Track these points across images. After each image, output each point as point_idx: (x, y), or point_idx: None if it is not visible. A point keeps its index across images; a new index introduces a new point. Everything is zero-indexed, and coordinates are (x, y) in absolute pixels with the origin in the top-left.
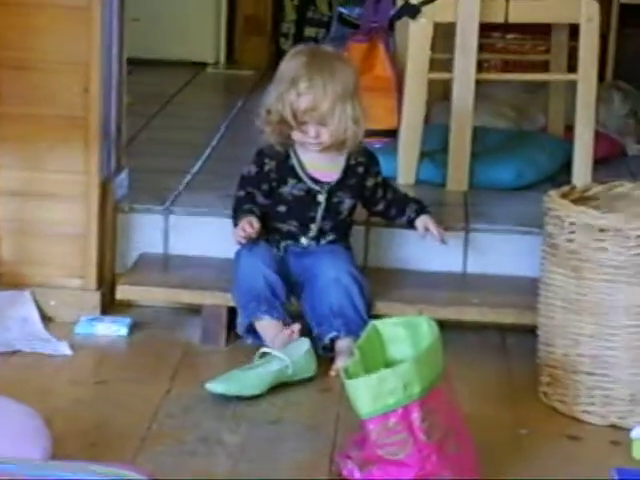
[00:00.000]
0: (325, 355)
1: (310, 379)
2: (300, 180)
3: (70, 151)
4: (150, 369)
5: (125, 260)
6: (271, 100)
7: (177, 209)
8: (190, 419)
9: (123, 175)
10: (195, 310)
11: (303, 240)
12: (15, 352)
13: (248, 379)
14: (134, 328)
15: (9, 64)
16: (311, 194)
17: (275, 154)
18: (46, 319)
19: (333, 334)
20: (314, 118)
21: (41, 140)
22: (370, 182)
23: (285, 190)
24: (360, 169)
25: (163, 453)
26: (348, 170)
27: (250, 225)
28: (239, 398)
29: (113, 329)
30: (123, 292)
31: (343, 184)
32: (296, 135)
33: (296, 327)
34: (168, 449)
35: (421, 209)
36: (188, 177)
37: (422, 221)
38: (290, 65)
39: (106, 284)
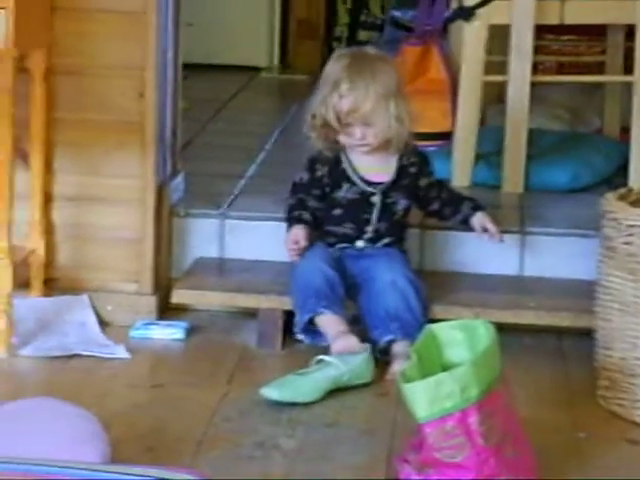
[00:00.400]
0: (382, 359)
1: (366, 384)
2: (353, 184)
3: (126, 156)
4: (206, 373)
5: (181, 264)
6: (315, 104)
7: (232, 213)
8: (246, 423)
9: (179, 179)
10: (251, 314)
11: (359, 243)
12: (73, 356)
13: (303, 385)
14: (190, 332)
15: (65, 70)
16: (365, 196)
17: (326, 160)
18: (103, 323)
19: (389, 337)
20: (358, 119)
21: (97, 145)
22: (424, 182)
23: (339, 194)
24: (413, 169)
25: (220, 457)
26: (401, 171)
27: (296, 242)
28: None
29: (169, 333)
30: (179, 296)
31: (397, 185)
32: (342, 138)
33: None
34: (224, 453)
35: (477, 207)
36: (243, 181)
37: (478, 219)
38: (332, 69)
39: (162, 288)
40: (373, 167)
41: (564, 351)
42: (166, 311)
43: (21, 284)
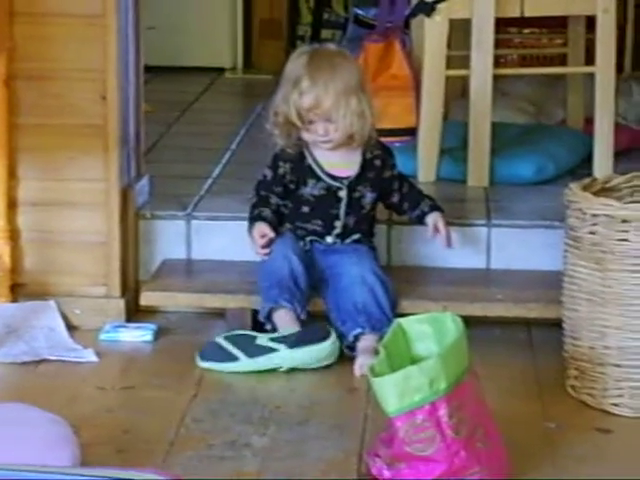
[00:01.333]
0: (349, 354)
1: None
2: (319, 179)
3: (89, 159)
4: (176, 374)
5: (148, 266)
6: (277, 102)
7: (199, 214)
8: (217, 423)
9: (143, 182)
10: (219, 314)
11: (329, 239)
12: (42, 361)
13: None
14: (159, 334)
15: (26, 74)
16: (332, 191)
17: (289, 157)
18: (71, 328)
19: (357, 331)
20: (319, 116)
21: (60, 149)
22: (387, 174)
23: (306, 191)
24: (377, 162)
25: (191, 458)
26: (365, 164)
27: (263, 235)
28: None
29: (138, 335)
30: (147, 298)
31: (362, 178)
32: (305, 135)
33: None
34: (196, 454)
35: (435, 207)
36: (209, 182)
37: (433, 218)
38: (293, 66)
39: (130, 291)
40: (338, 162)
41: (533, 342)
42: (134, 314)
43: None
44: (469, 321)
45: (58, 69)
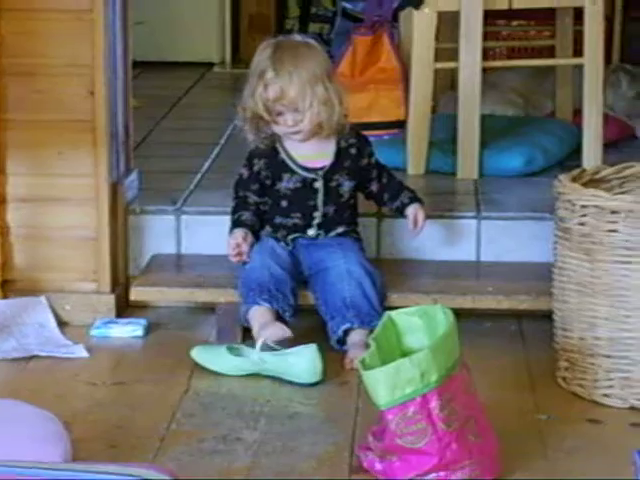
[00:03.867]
0: (339, 349)
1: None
2: (294, 172)
3: (78, 155)
4: (167, 369)
5: (138, 262)
6: (244, 97)
7: (188, 209)
8: (208, 417)
9: (133, 177)
10: (210, 309)
11: (310, 231)
12: (32, 357)
13: (226, 360)
14: (150, 329)
15: (14, 70)
16: (307, 183)
17: (263, 153)
18: (62, 324)
19: (346, 326)
20: (286, 107)
21: (49, 145)
22: (364, 162)
23: (282, 185)
24: (352, 150)
25: (183, 452)
26: (340, 153)
27: (237, 245)
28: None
29: (129, 330)
30: (137, 294)
31: (338, 167)
32: (275, 128)
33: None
34: (188, 448)
35: (415, 198)
36: (198, 177)
37: (413, 209)
38: (258, 59)
39: (120, 286)
40: (311, 154)
41: (524, 334)
42: (125, 309)
43: None
44: (460, 314)
45: (46, 65)
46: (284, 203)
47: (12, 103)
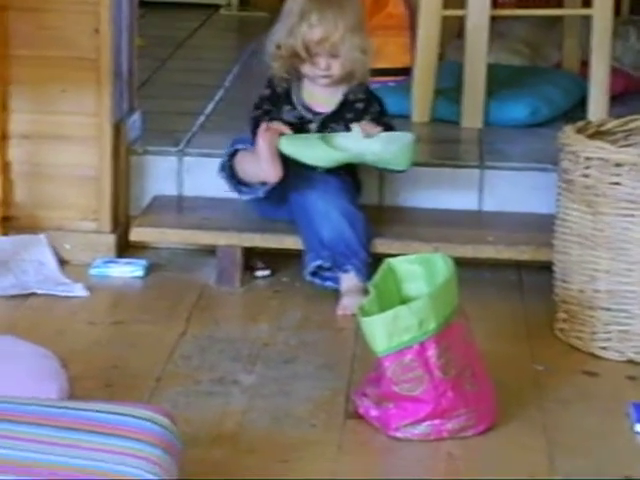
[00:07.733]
0: (311, 280)
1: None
2: (294, 107)
3: (82, 93)
4: (166, 310)
5: (139, 202)
6: (280, 35)
7: (191, 150)
8: (205, 360)
9: (136, 117)
10: (210, 251)
11: None
12: (31, 294)
13: (317, 149)
14: (149, 270)
15: (19, 5)
16: (303, 122)
17: (283, 80)
18: (62, 262)
19: (318, 262)
20: (326, 49)
21: (53, 82)
22: (367, 119)
23: (281, 115)
24: (359, 105)
25: (178, 393)
26: (344, 104)
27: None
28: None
29: (128, 271)
30: (137, 234)
31: (338, 116)
32: (307, 69)
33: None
34: (183, 389)
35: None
36: (201, 119)
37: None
38: (297, 0)
39: (121, 226)
40: (317, 96)
41: (523, 285)
42: (125, 249)
43: None
44: (460, 263)
45: (51, 0)
46: None
47: (17, 39)
